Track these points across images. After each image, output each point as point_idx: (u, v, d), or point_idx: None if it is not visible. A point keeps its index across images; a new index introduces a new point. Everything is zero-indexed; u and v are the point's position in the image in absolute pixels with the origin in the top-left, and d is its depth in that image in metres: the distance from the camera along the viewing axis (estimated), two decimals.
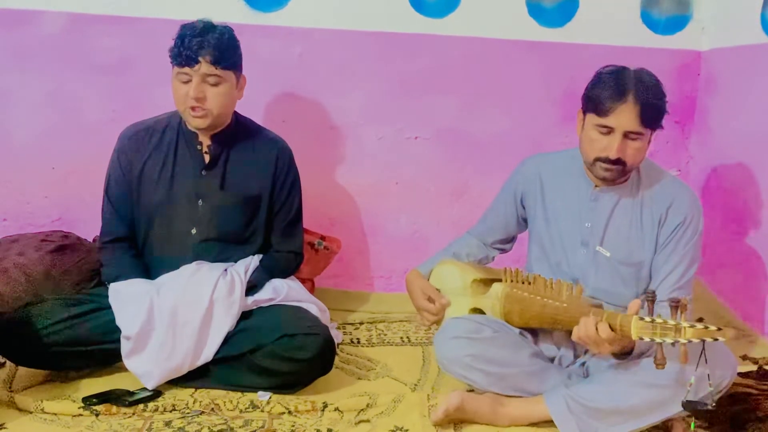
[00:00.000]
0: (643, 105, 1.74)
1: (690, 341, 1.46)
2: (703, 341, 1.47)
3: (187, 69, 1.93)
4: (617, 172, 1.80)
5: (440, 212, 2.81)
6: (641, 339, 1.53)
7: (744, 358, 2.24)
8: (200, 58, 1.92)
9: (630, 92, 1.74)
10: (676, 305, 1.48)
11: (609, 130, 1.77)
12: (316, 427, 1.77)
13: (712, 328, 1.44)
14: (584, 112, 1.85)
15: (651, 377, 1.65)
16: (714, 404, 1.54)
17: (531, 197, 2.03)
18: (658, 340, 1.49)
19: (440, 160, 2.77)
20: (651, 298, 1.53)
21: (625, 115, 1.74)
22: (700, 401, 1.55)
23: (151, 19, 2.52)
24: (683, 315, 1.47)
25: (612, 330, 1.59)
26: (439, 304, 1.99)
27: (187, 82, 1.95)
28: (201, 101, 1.95)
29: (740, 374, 1.89)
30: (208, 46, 1.92)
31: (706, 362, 1.52)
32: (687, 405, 1.55)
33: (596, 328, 1.60)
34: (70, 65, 2.53)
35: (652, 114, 1.76)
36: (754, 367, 2.08)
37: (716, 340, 1.44)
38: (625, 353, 1.70)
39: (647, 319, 1.51)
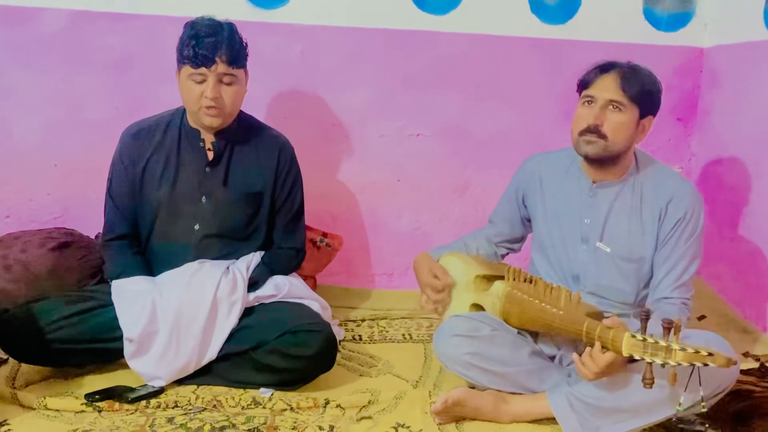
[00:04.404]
0: (625, 76, 1.80)
1: (679, 364, 1.44)
2: (694, 365, 1.45)
3: (203, 69, 1.92)
4: (599, 146, 1.81)
5: (442, 209, 2.81)
6: (631, 357, 1.52)
7: (746, 355, 2.24)
8: (217, 58, 1.92)
9: (613, 66, 1.83)
10: (669, 327, 1.46)
11: (591, 100, 1.83)
12: (318, 424, 1.77)
13: (703, 352, 1.42)
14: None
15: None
16: (706, 427, 1.53)
17: (531, 196, 2.04)
18: (648, 359, 1.48)
19: (442, 157, 2.77)
20: (644, 317, 1.51)
21: (606, 84, 1.81)
22: (691, 423, 1.53)
23: (153, 16, 2.52)
24: (676, 337, 1.45)
25: (603, 346, 1.58)
26: (444, 283, 1.99)
27: (201, 82, 1.95)
28: (218, 101, 1.96)
29: (742, 371, 1.88)
30: (224, 46, 1.92)
31: (700, 384, 1.48)
32: (676, 423, 1.53)
33: (591, 357, 1.60)
34: (72, 62, 2.53)
35: (634, 86, 1.79)
36: (756, 365, 2.08)
37: (706, 365, 1.43)
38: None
39: (639, 337, 1.50)
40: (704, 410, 1.52)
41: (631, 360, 1.64)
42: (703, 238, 1.88)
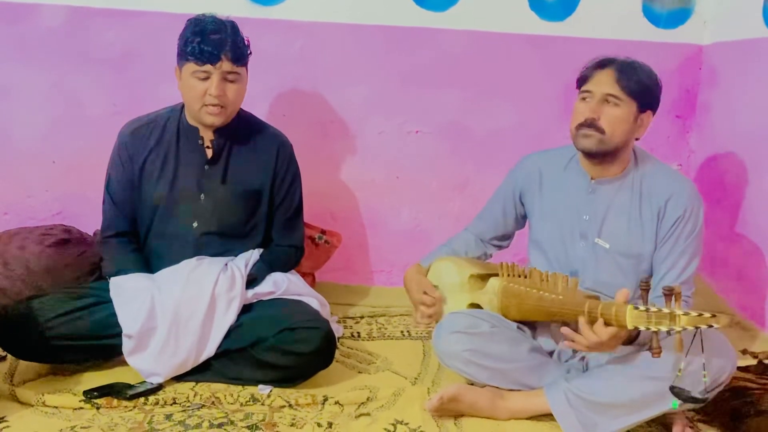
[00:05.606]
0: (621, 70, 1.82)
1: (685, 329, 1.45)
2: (698, 328, 1.46)
3: (208, 67, 1.92)
4: (596, 140, 1.82)
5: (441, 206, 2.81)
6: (636, 328, 1.52)
7: (744, 352, 2.24)
8: (222, 56, 1.91)
9: (610, 62, 1.85)
10: (669, 293, 1.47)
11: (588, 95, 1.84)
12: (316, 421, 1.77)
13: (707, 315, 1.43)
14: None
15: (650, 370, 1.65)
16: (706, 396, 1.53)
17: (530, 194, 2.03)
18: (653, 328, 1.49)
19: (441, 154, 2.77)
20: (645, 288, 1.53)
21: (602, 78, 1.83)
22: (689, 391, 1.54)
23: (153, 12, 2.52)
24: (677, 303, 1.47)
25: (607, 322, 1.58)
26: (434, 297, 1.99)
27: (204, 79, 1.94)
28: (222, 98, 1.95)
29: (740, 368, 1.89)
30: (228, 44, 1.92)
31: (702, 350, 1.50)
32: (675, 390, 1.53)
33: (593, 330, 1.60)
34: (71, 59, 2.53)
35: (631, 80, 1.81)
36: (754, 361, 2.08)
37: (711, 326, 1.44)
38: (632, 339, 1.70)
39: (642, 308, 1.51)
40: (706, 380, 1.53)
41: (631, 342, 1.65)
42: (702, 236, 1.88)
